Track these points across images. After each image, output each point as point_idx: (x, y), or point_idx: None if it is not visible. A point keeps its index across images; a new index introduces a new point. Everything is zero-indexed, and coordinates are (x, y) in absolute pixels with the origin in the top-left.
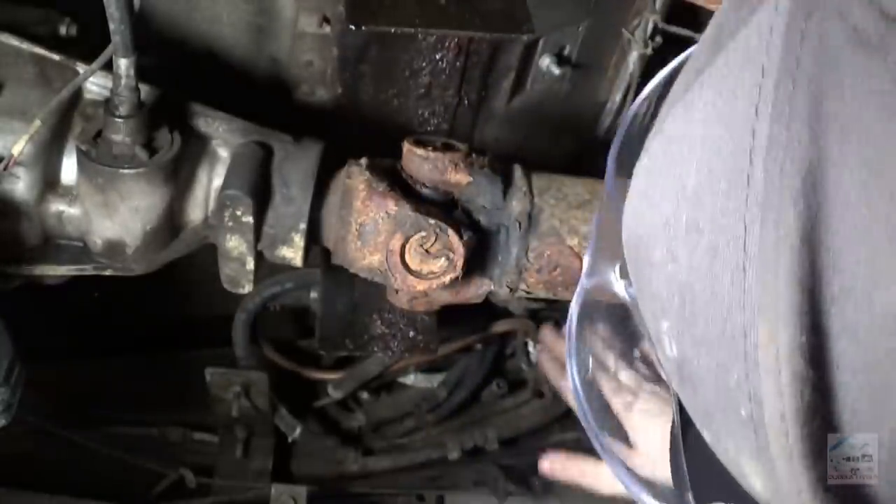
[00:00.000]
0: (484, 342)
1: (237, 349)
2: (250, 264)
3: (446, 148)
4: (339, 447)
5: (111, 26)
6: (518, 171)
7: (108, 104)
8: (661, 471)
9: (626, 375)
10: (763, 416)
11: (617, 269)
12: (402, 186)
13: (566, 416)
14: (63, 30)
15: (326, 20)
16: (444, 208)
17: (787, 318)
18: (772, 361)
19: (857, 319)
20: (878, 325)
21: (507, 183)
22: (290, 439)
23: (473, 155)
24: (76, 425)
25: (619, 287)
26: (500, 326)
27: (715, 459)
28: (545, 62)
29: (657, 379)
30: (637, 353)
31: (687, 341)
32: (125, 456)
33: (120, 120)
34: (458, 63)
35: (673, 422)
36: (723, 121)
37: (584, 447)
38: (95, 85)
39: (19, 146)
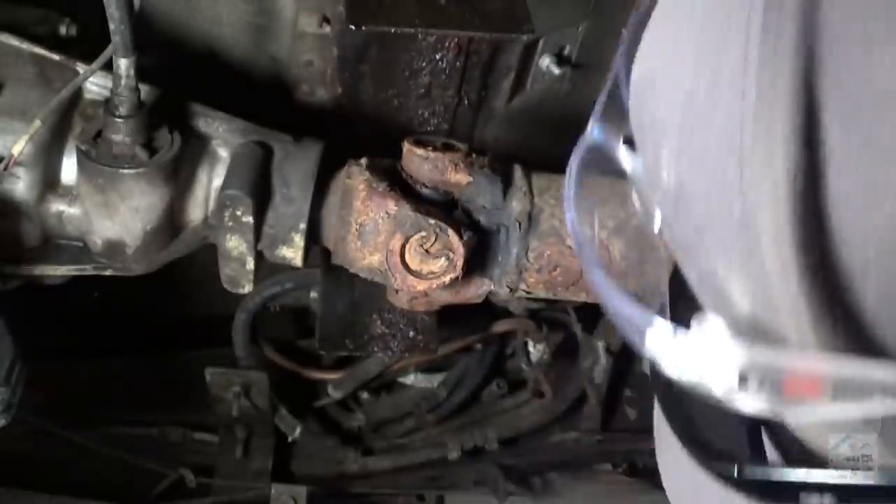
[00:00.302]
0: (484, 342)
1: (237, 349)
2: (250, 264)
3: (446, 148)
4: (339, 447)
5: (111, 26)
6: (518, 171)
7: (108, 104)
8: None
9: None
10: (755, 210)
11: (621, 140)
12: (402, 186)
13: (566, 416)
14: (63, 30)
15: (326, 20)
16: (444, 208)
17: (783, 104)
18: (766, 149)
19: (854, 99)
20: (873, 104)
21: (507, 183)
22: (290, 439)
23: (473, 155)
24: (76, 425)
25: (622, 153)
26: (500, 326)
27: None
28: (545, 62)
29: None
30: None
31: (685, 162)
32: (125, 456)
33: (120, 120)
34: (458, 63)
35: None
36: None
37: (583, 447)
38: (95, 85)
39: (19, 146)
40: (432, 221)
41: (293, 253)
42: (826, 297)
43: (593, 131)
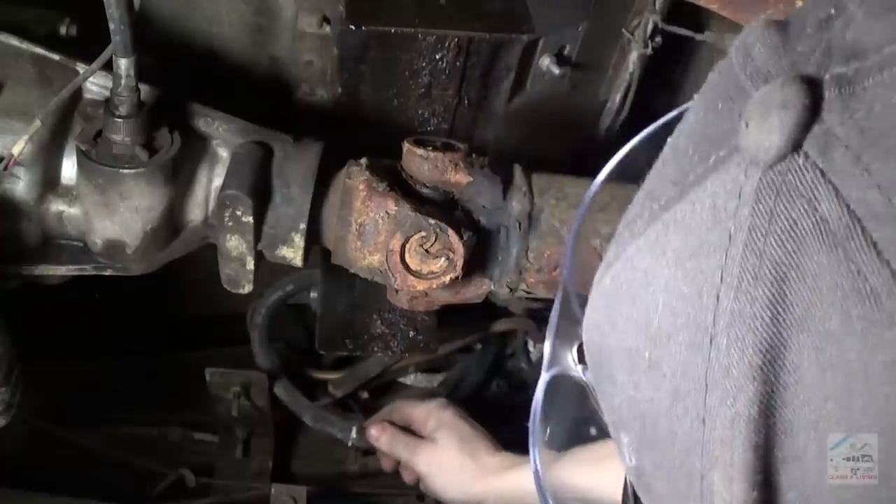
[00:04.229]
0: (484, 342)
1: (255, 348)
2: (250, 264)
3: (446, 148)
4: (340, 447)
5: (111, 26)
6: (518, 171)
7: (108, 104)
8: None
9: None
10: None
11: (574, 352)
12: (402, 186)
13: None
14: (63, 30)
15: (326, 20)
16: (444, 208)
17: (741, 475)
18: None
19: (805, 480)
20: (822, 487)
21: (507, 183)
22: (349, 443)
23: (473, 155)
24: (76, 425)
25: (577, 371)
26: (500, 326)
27: None
28: (545, 62)
29: None
30: (593, 432)
31: (646, 460)
32: (125, 456)
33: (120, 120)
34: (458, 63)
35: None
36: (689, 275)
37: None
38: (95, 85)
39: (19, 146)
40: (432, 221)
41: (293, 253)
42: None
43: (544, 376)
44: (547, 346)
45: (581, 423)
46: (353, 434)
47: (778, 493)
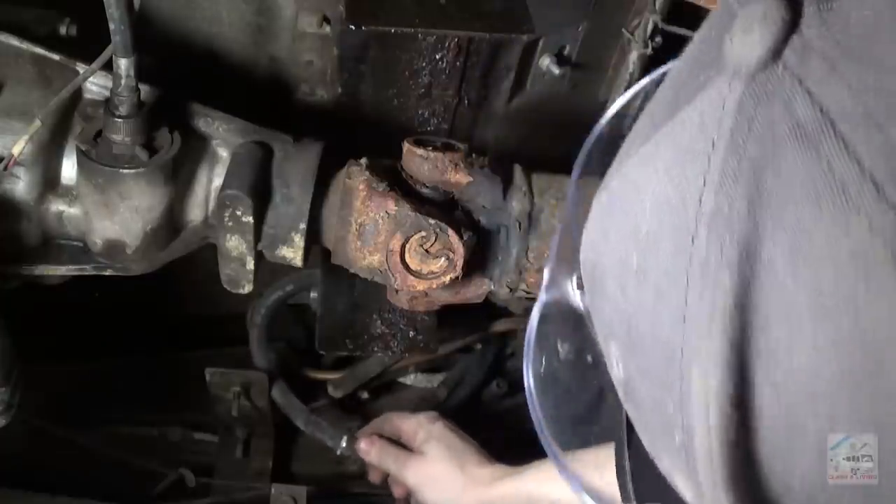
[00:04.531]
0: (484, 342)
1: (254, 351)
2: (250, 264)
3: (446, 148)
4: None
5: (111, 26)
6: (518, 171)
7: (108, 104)
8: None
9: None
10: (693, 445)
11: (574, 279)
12: (402, 186)
13: None
14: (63, 30)
15: (326, 20)
16: (444, 208)
17: (717, 370)
18: (702, 403)
19: (778, 373)
20: (794, 379)
21: (507, 183)
22: (338, 452)
23: (473, 155)
24: (76, 425)
25: (575, 298)
26: (500, 326)
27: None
28: (545, 62)
29: None
30: (589, 359)
31: (632, 366)
32: (125, 456)
33: (120, 120)
34: (458, 63)
35: (618, 427)
36: (675, 182)
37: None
38: (95, 85)
39: (19, 146)
40: (432, 221)
41: (293, 253)
42: None
43: (543, 297)
44: (546, 272)
45: (577, 354)
46: (343, 443)
47: (753, 388)
